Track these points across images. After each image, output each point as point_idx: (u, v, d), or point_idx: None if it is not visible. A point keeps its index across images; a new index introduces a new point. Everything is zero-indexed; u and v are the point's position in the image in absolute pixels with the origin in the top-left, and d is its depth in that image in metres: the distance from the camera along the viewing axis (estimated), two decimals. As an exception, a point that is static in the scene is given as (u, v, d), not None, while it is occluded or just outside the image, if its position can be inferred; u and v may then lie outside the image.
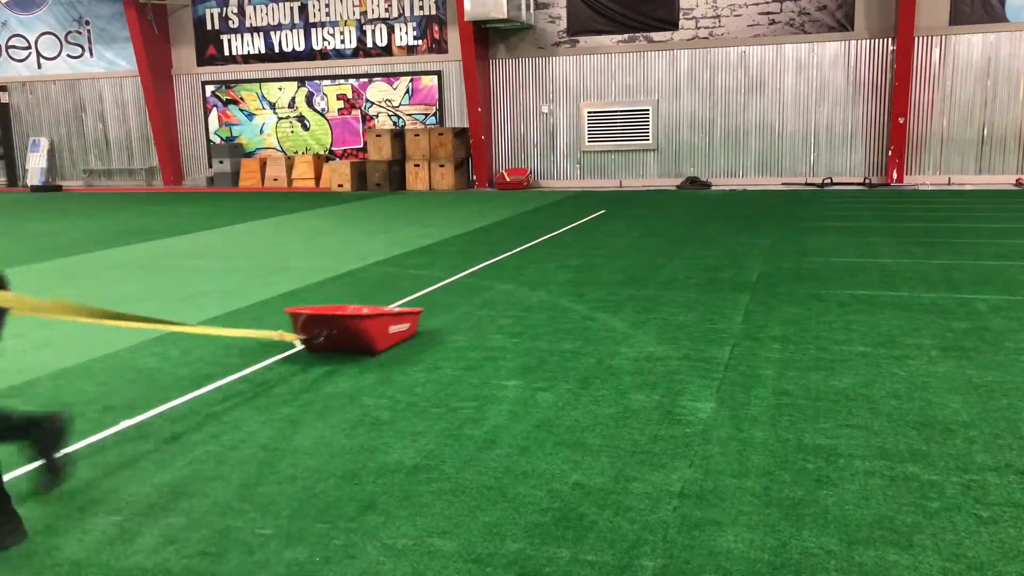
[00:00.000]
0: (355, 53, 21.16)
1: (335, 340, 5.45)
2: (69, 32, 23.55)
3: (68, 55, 23.68)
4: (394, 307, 6.62)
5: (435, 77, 20.61)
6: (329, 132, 21.76)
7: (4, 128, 24.23)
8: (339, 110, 21.56)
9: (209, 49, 22.31)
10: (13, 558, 3.02)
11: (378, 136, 19.80)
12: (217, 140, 22.70)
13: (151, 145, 23.23)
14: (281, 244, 11.06)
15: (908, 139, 17.70)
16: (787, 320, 6.22)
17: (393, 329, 5.61)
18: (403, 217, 13.98)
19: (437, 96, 20.67)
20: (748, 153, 18.82)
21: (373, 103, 21.25)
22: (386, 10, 20.72)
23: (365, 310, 5.89)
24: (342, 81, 21.40)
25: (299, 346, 5.58)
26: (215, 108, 22.65)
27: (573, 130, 19.85)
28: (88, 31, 23.36)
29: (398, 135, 19.99)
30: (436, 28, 20.42)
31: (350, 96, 21.41)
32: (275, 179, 21.65)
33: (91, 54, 23.47)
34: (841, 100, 18.09)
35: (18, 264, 9.83)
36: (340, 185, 20.02)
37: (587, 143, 19.73)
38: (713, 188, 18.47)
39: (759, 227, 11.54)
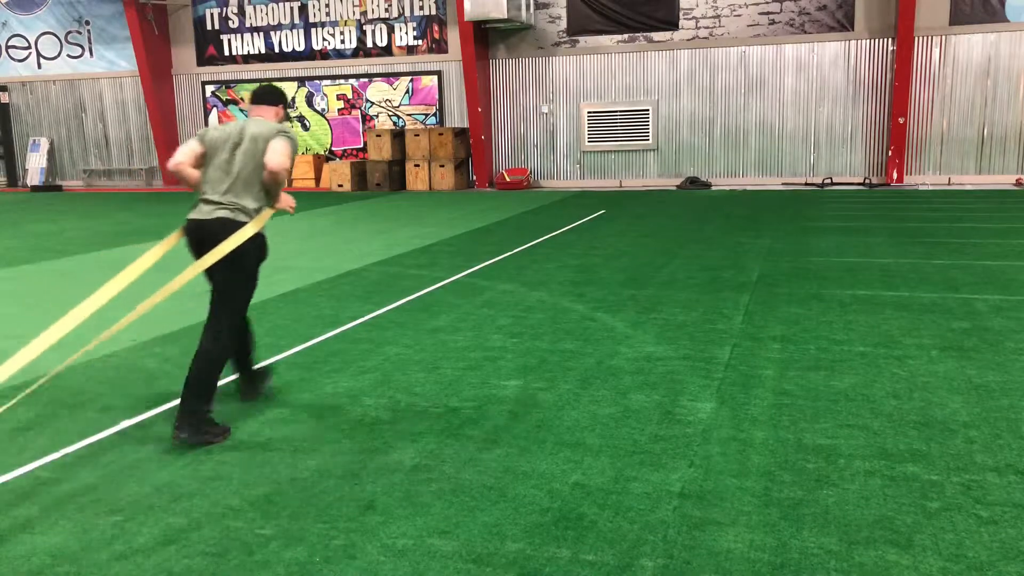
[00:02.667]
0: (355, 53, 21.16)
1: None
2: (69, 32, 23.55)
3: (68, 55, 23.67)
4: None
5: (435, 77, 20.61)
6: (329, 132, 21.75)
7: (4, 128, 24.22)
8: (339, 110, 21.56)
9: (209, 49, 22.30)
10: (12, 559, 3.02)
11: (378, 136, 19.79)
12: (217, 140, 22.68)
13: (151, 145, 23.22)
14: (281, 244, 11.05)
15: (908, 139, 17.69)
16: (787, 320, 6.22)
17: None
18: (403, 217, 13.98)
19: (437, 96, 20.67)
20: (748, 153, 18.81)
21: (373, 103, 21.24)
22: (386, 10, 20.72)
23: None
24: (342, 81, 21.39)
25: None
26: (215, 108, 22.64)
27: (573, 130, 19.85)
28: (88, 31, 23.36)
29: (398, 135, 19.99)
30: (436, 28, 20.42)
31: (350, 96, 21.40)
32: (275, 179, 21.63)
33: (91, 54, 23.47)
34: (841, 100, 18.09)
35: (18, 264, 9.83)
36: (340, 185, 20.02)
37: (587, 143, 19.73)
38: (713, 188, 18.46)
39: (759, 227, 11.54)
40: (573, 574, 2.81)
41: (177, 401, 4.70)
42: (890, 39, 17.51)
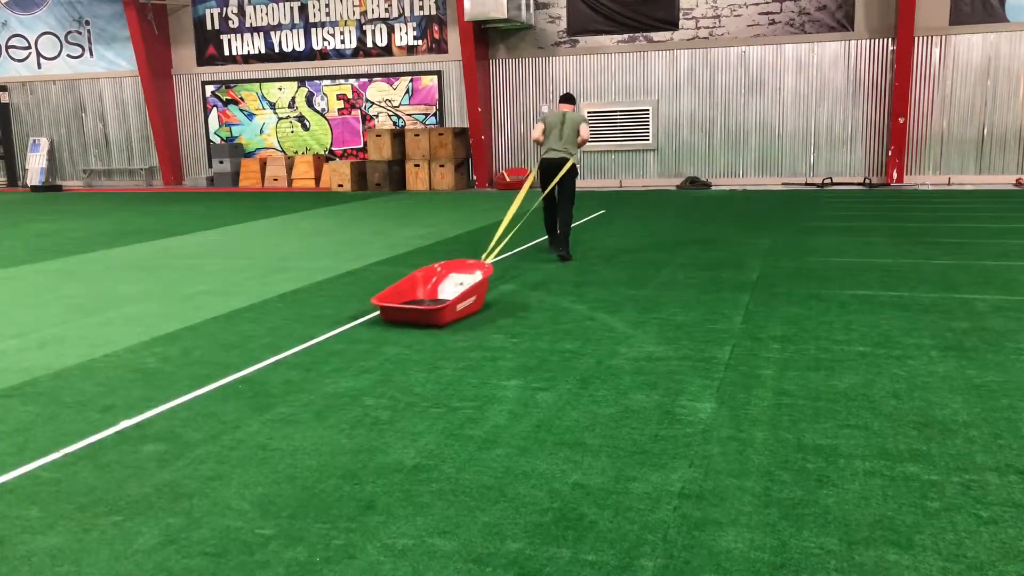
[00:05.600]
0: (355, 53, 21.16)
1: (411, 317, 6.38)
2: (69, 32, 23.55)
3: (68, 55, 23.67)
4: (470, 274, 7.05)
5: (435, 77, 20.61)
6: (329, 132, 21.75)
7: (4, 128, 24.22)
8: (339, 110, 21.56)
9: (209, 49, 22.30)
10: (11, 559, 3.02)
11: (378, 136, 19.79)
12: (217, 140, 22.70)
13: (151, 145, 23.22)
14: (281, 244, 11.06)
15: (908, 139, 17.69)
16: (787, 320, 6.22)
17: (461, 306, 6.43)
18: (403, 217, 13.98)
19: (437, 96, 20.67)
20: (748, 153, 18.81)
21: (373, 103, 21.25)
22: (386, 10, 20.72)
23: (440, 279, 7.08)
24: (342, 81, 21.39)
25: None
26: (215, 108, 22.65)
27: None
28: (88, 31, 23.36)
29: (398, 135, 19.98)
30: (436, 28, 20.42)
31: (350, 96, 21.41)
32: (275, 179, 21.65)
33: (91, 54, 23.47)
34: (841, 100, 18.09)
35: (18, 264, 9.83)
36: (340, 185, 20.02)
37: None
38: (713, 188, 18.46)
39: (759, 227, 11.54)
40: (573, 574, 2.81)
41: (177, 401, 4.72)
42: (890, 39, 17.51)
